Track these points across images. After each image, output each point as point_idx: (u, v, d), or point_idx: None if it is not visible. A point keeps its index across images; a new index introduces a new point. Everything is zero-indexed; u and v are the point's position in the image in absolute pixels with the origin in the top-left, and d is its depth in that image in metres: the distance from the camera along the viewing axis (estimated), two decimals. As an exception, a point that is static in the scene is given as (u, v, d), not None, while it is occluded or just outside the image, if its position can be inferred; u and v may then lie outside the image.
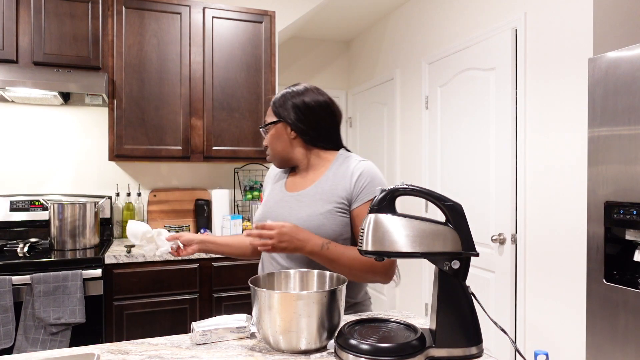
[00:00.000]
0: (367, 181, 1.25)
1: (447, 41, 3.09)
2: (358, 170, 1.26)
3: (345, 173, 1.28)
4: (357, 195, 1.25)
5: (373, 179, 1.26)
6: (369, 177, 1.26)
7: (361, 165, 1.28)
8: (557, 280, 2.23)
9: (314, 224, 1.24)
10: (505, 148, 2.54)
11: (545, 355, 0.90)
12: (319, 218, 1.24)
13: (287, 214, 1.29)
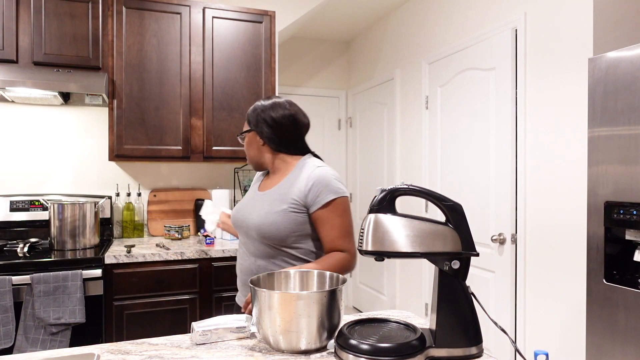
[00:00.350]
0: (320, 189, 1.40)
1: (447, 41, 3.09)
2: (312, 178, 1.41)
3: (302, 178, 1.44)
4: (312, 200, 1.40)
5: (326, 186, 1.41)
6: (321, 185, 1.41)
7: (316, 172, 1.43)
8: (557, 280, 2.23)
9: (270, 220, 1.40)
10: (505, 148, 2.54)
11: (545, 355, 0.90)
12: (274, 216, 1.40)
13: (251, 211, 1.46)
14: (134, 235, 2.80)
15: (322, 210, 1.39)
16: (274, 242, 1.41)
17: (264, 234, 1.40)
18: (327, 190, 1.40)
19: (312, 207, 1.40)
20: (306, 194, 1.40)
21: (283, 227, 1.39)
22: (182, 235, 2.73)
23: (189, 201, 2.96)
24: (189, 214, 2.95)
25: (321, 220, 1.40)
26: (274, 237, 1.40)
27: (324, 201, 1.39)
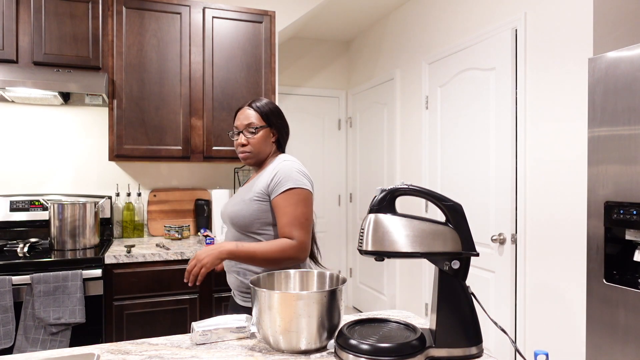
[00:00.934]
0: (281, 177, 1.50)
1: (447, 41, 3.09)
2: (277, 169, 1.52)
3: (269, 169, 1.55)
4: (272, 189, 1.50)
5: (287, 176, 1.50)
6: (283, 174, 1.50)
7: (282, 164, 1.53)
8: (557, 280, 2.23)
9: (237, 208, 1.52)
10: (505, 148, 2.54)
11: (545, 355, 0.90)
12: (240, 204, 1.53)
13: (229, 203, 1.59)
14: (134, 235, 2.80)
15: (278, 197, 1.49)
16: (241, 228, 1.53)
17: (233, 220, 1.53)
18: (286, 179, 1.49)
19: (272, 194, 1.50)
20: (269, 183, 1.50)
21: (248, 215, 1.50)
22: (182, 235, 2.73)
23: (189, 201, 2.96)
24: (189, 214, 2.95)
25: (276, 207, 1.49)
26: (241, 224, 1.52)
27: (281, 189, 1.48)
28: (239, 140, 1.60)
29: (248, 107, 1.61)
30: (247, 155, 1.60)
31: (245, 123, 1.59)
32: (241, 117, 1.60)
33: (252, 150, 1.59)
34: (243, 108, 1.62)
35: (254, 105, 1.61)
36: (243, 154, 1.61)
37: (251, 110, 1.60)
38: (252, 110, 1.60)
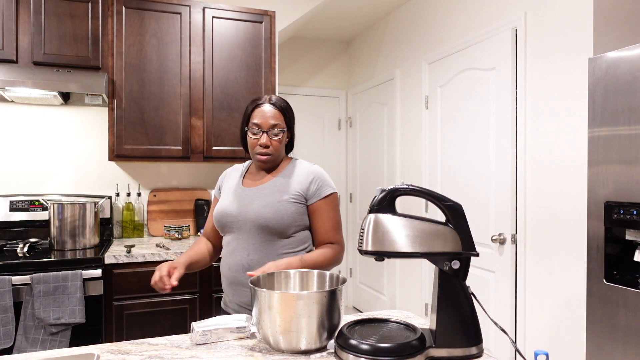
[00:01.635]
0: (321, 182, 1.51)
1: (447, 41, 3.09)
2: (312, 173, 1.51)
3: (300, 172, 1.52)
4: (313, 192, 1.48)
5: (324, 180, 1.52)
6: (321, 179, 1.51)
7: (314, 168, 1.53)
8: (557, 280, 2.23)
9: (273, 208, 1.44)
10: (505, 148, 2.54)
11: (545, 355, 0.90)
12: (277, 205, 1.44)
13: (246, 204, 1.47)
14: (134, 235, 2.80)
15: (320, 202, 1.48)
16: (275, 232, 1.43)
17: (267, 223, 1.42)
18: (325, 184, 1.50)
19: (312, 199, 1.48)
20: (307, 186, 1.48)
21: (287, 216, 1.44)
22: (182, 235, 2.73)
23: (189, 201, 2.96)
24: (189, 214, 2.95)
25: (319, 211, 1.48)
26: (277, 227, 1.43)
27: (324, 194, 1.49)
28: (261, 140, 1.48)
29: (271, 105, 1.51)
30: (269, 158, 1.50)
31: (272, 123, 1.48)
32: (267, 115, 1.48)
33: (273, 152, 1.50)
34: (263, 104, 1.51)
35: (277, 104, 1.51)
36: (265, 156, 1.50)
37: (276, 109, 1.51)
38: (277, 110, 1.51)
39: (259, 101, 1.52)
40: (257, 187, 1.51)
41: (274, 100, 1.52)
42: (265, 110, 1.49)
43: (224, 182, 1.63)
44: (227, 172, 1.67)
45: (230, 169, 1.67)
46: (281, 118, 1.51)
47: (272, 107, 1.50)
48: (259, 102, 1.51)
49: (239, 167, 1.66)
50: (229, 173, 1.65)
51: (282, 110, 1.51)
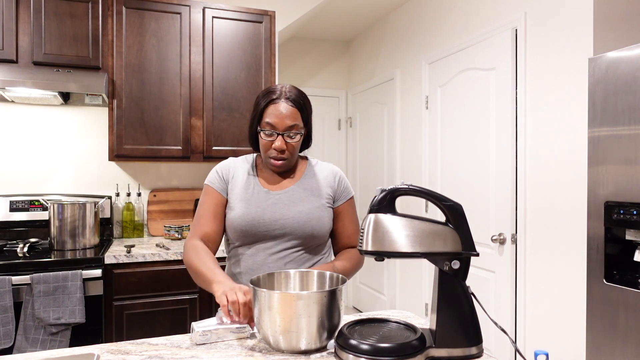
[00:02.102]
0: (346, 182, 1.45)
1: (447, 41, 3.09)
2: (337, 173, 1.44)
3: (325, 173, 1.43)
4: (340, 194, 1.42)
5: (347, 181, 1.46)
6: (345, 179, 1.46)
7: (335, 168, 1.46)
8: (557, 280, 2.23)
9: (315, 216, 1.34)
10: (505, 148, 2.54)
11: (545, 355, 0.90)
12: (318, 211, 1.35)
13: (284, 210, 1.34)
14: (134, 235, 2.80)
15: (346, 204, 1.42)
16: (316, 240, 1.35)
17: (312, 232, 1.32)
18: (349, 185, 1.45)
19: (339, 200, 1.41)
20: (336, 187, 1.41)
21: (327, 222, 1.37)
22: (182, 235, 2.73)
23: (189, 201, 2.96)
24: (189, 214, 2.95)
25: (344, 213, 1.41)
26: (321, 234, 1.35)
27: (349, 195, 1.43)
28: (276, 144, 1.31)
29: (288, 102, 1.31)
30: (284, 163, 1.34)
31: (289, 124, 1.30)
32: (283, 114, 1.30)
33: (289, 157, 1.34)
34: (279, 100, 1.31)
35: (295, 100, 1.32)
36: (280, 160, 1.33)
37: (293, 107, 1.32)
38: (294, 108, 1.32)
39: (274, 96, 1.32)
40: (285, 190, 1.37)
41: (290, 95, 1.32)
42: (280, 109, 1.30)
43: (231, 177, 1.41)
44: (229, 165, 1.43)
45: (232, 162, 1.45)
46: (299, 117, 1.32)
47: (289, 105, 1.31)
48: (273, 98, 1.31)
49: (241, 161, 1.45)
50: (234, 167, 1.43)
51: (300, 108, 1.32)
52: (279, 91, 1.32)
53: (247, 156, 1.47)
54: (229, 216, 1.37)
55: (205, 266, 1.25)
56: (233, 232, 1.36)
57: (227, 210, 1.38)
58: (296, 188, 1.37)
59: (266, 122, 1.31)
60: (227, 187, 1.40)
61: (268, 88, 1.36)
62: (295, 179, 1.41)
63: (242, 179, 1.40)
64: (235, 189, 1.38)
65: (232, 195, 1.38)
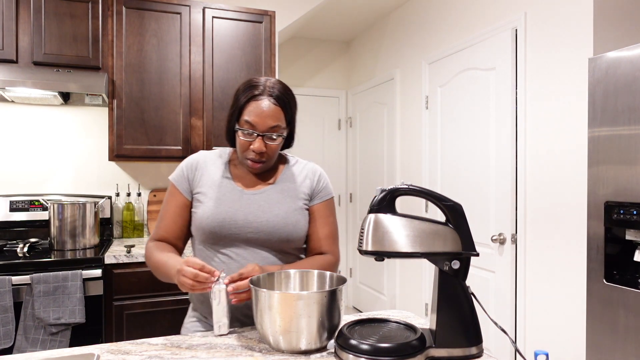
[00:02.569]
0: (326, 182, 1.36)
1: (447, 41, 3.09)
2: (318, 171, 1.35)
3: (305, 172, 1.34)
4: (317, 192, 1.32)
5: (327, 180, 1.37)
6: (326, 179, 1.36)
7: (316, 166, 1.37)
8: (557, 280, 2.23)
9: (292, 220, 1.26)
10: (505, 148, 2.54)
11: (545, 355, 0.90)
12: (294, 215, 1.27)
13: (259, 212, 1.24)
14: (133, 235, 2.80)
15: (322, 205, 1.32)
16: (292, 244, 1.27)
17: (288, 236, 1.24)
18: (329, 186, 1.36)
19: (314, 199, 1.31)
20: (314, 186, 1.32)
21: (304, 226, 1.28)
22: (182, 235, 2.72)
23: (189, 201, 2.96)
24: (189, 214, 2.95)
25: (317, 214, 1.30)
26: (297, 239, 1.26)
27: (327, 196, 1.33)
28: (255, 145, 1.21)
29: (271, 99, 1.20)
30: (262, 166, 1.26)
31: (271, 124, 1.20)
32: (264, 113, 1.19)
33: (268, 159, 1.25)
34: (262, 98, 1.20)
35: (279, 98, 1.21)
36: (258, 163, 1.24)
37: (277, 106, 1.21)
38: (279, 107, 1.21)
39: (256, 91, 1.21)
40: (260, 191, 1.28)
41: (274, 91, 1.21)
42: (262, 107, 1.19)
43: (199, 174, 1.29)
44: (198, 160, 1.31)
45: (202, 157, 1.33)
46: (282, 117, 1.22)
47: (272, 103, 1.20)
48: (255, 93, 1.20)
49: (213, 156, 1.34)
50: (203, 163, 1.31)
51: (284, 106, 1.22)
52: (262, 86, 1.21)
53: (221, 150, 1.36)
54: (196, 215, 1.26)
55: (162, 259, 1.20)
56: (201, 232, 1.25)
57: (194, 208, 1.27)
58: (273, 189, 1.28)
59: (245, 121, 1.20)
60: (191, 188, 1.30)
61: (250, 81, 1.24)
62: (272, 179, 1.31)
63: (213, 175, 1.29)
64: (204, 187, 1.28)
65: (200, 193, 1.27)
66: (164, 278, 1.22)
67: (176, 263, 1.15)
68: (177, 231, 1.30)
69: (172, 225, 1.29)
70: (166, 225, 1.29)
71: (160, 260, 1.21)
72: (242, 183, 1.29)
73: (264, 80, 1.23)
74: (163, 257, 1.21)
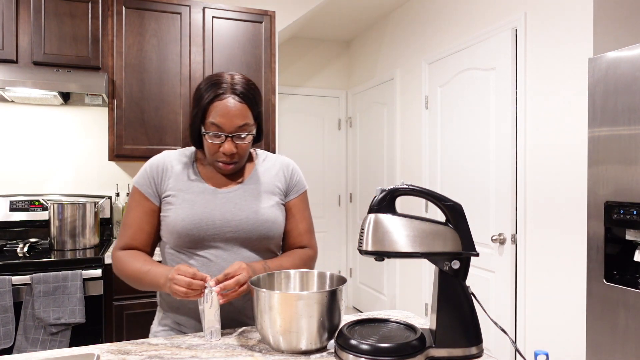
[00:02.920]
0: (299, 175, 1.33)
1: (447, 41, 3.09)
2: (290, 164, 1.33)
3: (277, 166, 1.31)
4: (292, 187, 1.30)
5: (301, 174, 1.34)
6: (299, 172, 1.34)
7: (287, 159, 1.34)
8: (557, 280, 2.23)
9: (271, 216, 1.23)
10: (505, 148, 2.54)
11: (545, 355, 0.90)
12: (273, 210, 1.24)
13: (236, 210, 1.20)
14: (134, 235, 2.79)
15: (297, 199, 1.30)
16: (272, 242, 1.25)
17: (268, 233, 1.22)
18: (302, 179, 1.34)
19: (290, 194, 1.30)
20: (289, 180, 1.30)
21: (282, 222, 1.26)
22: (182, 235, 2.72)
23: (189, 201, 2.96)
24: (189, 214, 2.95)
25: (295, 209, 1.29)
26: (277, 236, 1.25)
27: (302, 189, 1.32)
28: (225, 147, 1.16)
29: (236, 97, 1.15)
30: (235, 167, 1.22)
31: (239, 124, 1.15)
32: (231, 113, 1.14)
33: (240, 159, 1.22)
34: (226, 97, 1.14)
35: (244, 95, 1.16)
36: (229, 165, 1.20)
37: (243, 103, 1.16)
38: (245, 104, 1.16)
39: (219, 90, 1.14)
40: (234, 188, 1.24)
41: (238, 88, 1.15)
42: (228, 106, 1.13)
43: (166, 177, 1.23)
44: (162, 161, 1.24)
45: (166, 158, 1.26)
46: (249, 114, 1.17)
47: (238, 101, 1.14)
48: (219, 93, 1.14)
49: (178, 155, 1.27)
50: (169, 164, 1.24)
51: (250, 103, 1.17)
52: (224, 84, 1.15)
53: (184, 150, 1.30)
54: (168, 219, 1.19)
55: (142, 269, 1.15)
56: (176, 236, 1.18)
57: (165, 212, 1.21)
58: (246, 186, 1.24)
59: (211, 123, 1.14)
60: (159, 191, 1.23)
61: (211, 78, 1.17)
62: (245, 175, 1.27)
63: (181, 176, 1.23)
64: (173, 189, 1.21)
65: (170, 195, 1.21)
66: (147, 287, 1.17)
67: (164, 271, 1.12)
68: (145, 239, 1.23)
69: (140, 233, 1.22)
70: (133, 234, 1.21)
71: (141, 269, 1.16)
72: (212, 183, 1.24)
73: (226, 77, 1.17)
74: (143, 267, 1.16)
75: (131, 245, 1.22)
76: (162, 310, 1.28)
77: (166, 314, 1.26)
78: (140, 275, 1.16)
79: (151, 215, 1.23)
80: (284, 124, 4.44)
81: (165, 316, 1.27)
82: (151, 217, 1.23)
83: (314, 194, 4.55)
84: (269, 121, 2.82)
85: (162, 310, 1.28)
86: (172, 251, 1.22)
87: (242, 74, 1.25)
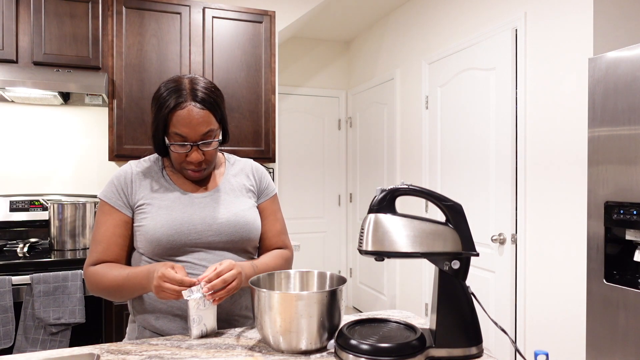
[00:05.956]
0: (268, 178, 1.36)
1: (447, 41, 3.09)
2: (257, 168, 1.35)
3: (247, 170, 1.33)
4: (262, 190, 1.33)
5: (269, 176, 1.37)
6: (267, 176, 1.37)
7: (255, 163, 1.37)
8: (557, 281, 2.23)
9: (250, 217, 1.24)
10: (505, 148, 2.54)
11: (545, 355, 0.90)
12: (251, 212, 1.26)
13: (215, 213, 1.19)
14: (134, 235, 2.79)
15: (268, 201, 1.33)
16: (251, 243, 1.25)
17: (249, 235, 1.22)
18: (271, 181, 1.37)
19: (261, 197, 1.32)
20: (259, 183, 1.32)
21: (259, 223, 1.28)
22: (182, 235, 2.72)
23: (189, 201, 2.96)
24: (189, 214, 2.95)
25: (268, 211, 1.32)
26: (256, 237, 1.26)
27: (273, 191, 1.35)
28: (192, 156, 1.15)
29: (197, 105, 1.12)
30: (204, 173, 1.21)
31: (203, 131, 1.13)
32: (194, 122, 1.11)
33: (208, 165, 1.20)
34: (187, 104, 1.11)
35: (206, 100, 1.14)
36: (198, 172, 1.19)
37: (205, 109, 1.14)
38: (207, 110, 1.14)
39: (180, 99, 1.12)
40: (209, 192, 1.23)
41: (198, 94, 1.14)
42: (191, 115, 1.11)
43: (136, 187, 1.20)
44: (129, 172, 1.22)
45: (132, 169, 1.23)
46: (212, 119, 1.15)
47: (199, 108, 1.13)
48: (180, 101, 1.12)
49: (144, 164, 1.25)
50: (136, 174, 1.22)
51: (212, 108, 1.15)
52: (183, 91, 1.13)
53: (149, 158, 1.28)
54: (145, 227, 1.15)
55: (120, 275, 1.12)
56: (155, 245, 1.14)
57: (140, 222, 1.17)
58: (221, 190, 1.25)
59: (175, 133, 1.13)
60: (129, 202, 1.19)
61: (168, 84, 1.15)
62: (217, 180, 1.27)
63: (152, 185, 1.21)
64: (146, 197, 1.19)
65: (144, 204, 1.18)
66: (128, 294, 1.14)
67: (145, 271, 1.09)
68: (118, 252, 1.18)
69: (113, 247, 1.17)
70: (105, 249, 1.16)
71: (118, 277, 1.12)
72: (186, 188, 1.23)
73: (185, 82, 1.16)
74: (121, 273, 1.12)
75: (103, 260, 1.17)
76: (134, 316, 1.23)
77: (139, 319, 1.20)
78: (119, 282, 1.12)
79: (123, 227, 1.19)
80: (284, 124, 4.44)
81: (136, 320, 1.22)
82: (123, 229, 1.19)
83: (314, 194, 4.55)
84: (269, 121, 2.82)
85: (135, 315, 1.22)
86: (149, 260, 1.18)
87: (201, 76, 1.23)
